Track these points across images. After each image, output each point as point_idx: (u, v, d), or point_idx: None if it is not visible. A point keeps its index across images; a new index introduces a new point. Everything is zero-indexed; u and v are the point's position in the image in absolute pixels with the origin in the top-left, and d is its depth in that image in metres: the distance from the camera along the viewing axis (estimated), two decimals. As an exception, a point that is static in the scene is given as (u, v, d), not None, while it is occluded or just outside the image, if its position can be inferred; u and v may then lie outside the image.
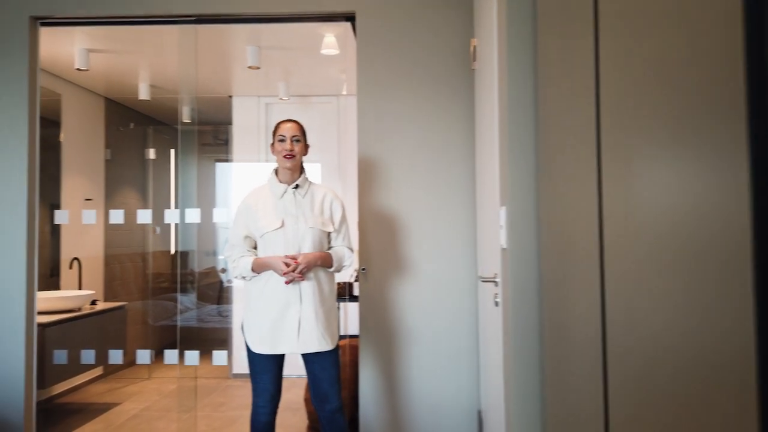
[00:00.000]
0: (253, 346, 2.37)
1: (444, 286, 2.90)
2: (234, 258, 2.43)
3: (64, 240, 4.31)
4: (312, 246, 2.39)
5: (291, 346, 2.33)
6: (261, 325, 2.35)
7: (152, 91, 4.52)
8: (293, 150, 2.41)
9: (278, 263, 2.30)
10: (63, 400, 4.13)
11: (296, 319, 2.33)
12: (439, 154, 2.93)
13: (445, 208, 2.92)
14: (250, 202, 2.44)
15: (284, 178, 2.44)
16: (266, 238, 2.37)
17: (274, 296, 2.35)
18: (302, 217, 2.40)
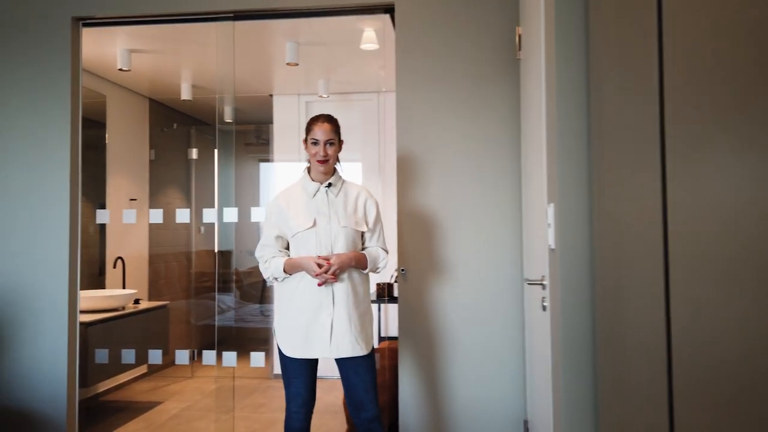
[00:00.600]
0: (286, 350, 2.31)
1: (487, 289, 2.76)
2: (266, 258, 2.37)
3: (109, 239, 4.37)
4: (345, 246, 2.30)
5: (323, 351, 2.25)
6: (293, 329, 2.29)
7: (194, 91, 4.53)
8: (327, 155, 2.32)
9: (310, 264, 2.23)
10: (107, 398, 4.18)
11: (329, 322, 2.25)
12: (482, 148, 2.79)
13: (488, 206, 2.78)
14: (282, 201, 2.37)
15: (317, 177, 2.38)
16: (298, 238, 2.30)
17: (306, 298, 2.28)
18: (335, 216, 2.32)
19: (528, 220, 2.51)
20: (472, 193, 2.79)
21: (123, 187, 4.60)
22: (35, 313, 2.97)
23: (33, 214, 2.99)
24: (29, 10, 3.03)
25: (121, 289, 4.15)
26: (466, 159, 2.80)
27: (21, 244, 2.99)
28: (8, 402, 2.97)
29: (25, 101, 3.02)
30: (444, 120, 2.82)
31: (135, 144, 4.81)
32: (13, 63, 3.02)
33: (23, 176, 3.00)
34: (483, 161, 2.79)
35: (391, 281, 3.96)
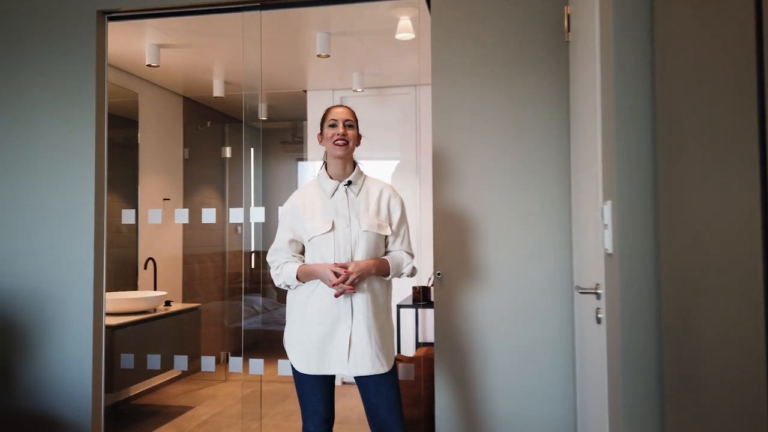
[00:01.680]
0: (298, 366, 2.10)
1: (532, 296, 2.52)
2: (277, 264, 2.16)
3: (141, 240, 4.30)
4: (366, 252, 2.09)
5: (340, 368, 2.05)
6: (306, 343, 2.08)
7: (226, 88, 4.42)
8: (346, 135, 2.11)
9: (326, 273, 2.02)
10: (139, 401, 4.10)
11: (346, 336, 2.04)
12: (527, 141, 2.56)
13: (533, 205, 2.54)
14: (297, 201, 2.16)
15: (335, 173, 2.15)
16: (314, 243, 2.10)
17: (321, 309, 2.07)
18: (356, 218, 2.10)
19: (579, 221, 2.26)
20: (516, 191, 2.56)
21: (156, 186, 4.53)
22: (60, 316, 2.89)
23: (57, 213, 2.91)
24: (54, 3, 2.95)
25: (150, 291, 4.07)
26: (508, 154, 2.57)
27: (46, 245, 2.91)
28: (34, 406, 2.90)
29: (49, 97, 2.94)
30: (484, 112, 2.60)
31: (169, 143, 4.74)
32: (37, 58, 2.95)
33: (48, 175, 2.93)
34: (527, 155, 2.55)
35: (428, 284, 3.75)
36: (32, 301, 2.91)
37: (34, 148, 2.94)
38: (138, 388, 4.11)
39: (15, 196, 2.94)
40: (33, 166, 2.94)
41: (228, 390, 4.42)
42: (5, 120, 2.96)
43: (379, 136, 4.25)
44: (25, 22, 2.97)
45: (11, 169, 2.95)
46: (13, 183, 2.95)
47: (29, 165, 2.94)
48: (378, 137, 4.26)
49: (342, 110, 2.15)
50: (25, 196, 2.94)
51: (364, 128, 3.87)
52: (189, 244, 4.91)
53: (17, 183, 2.94)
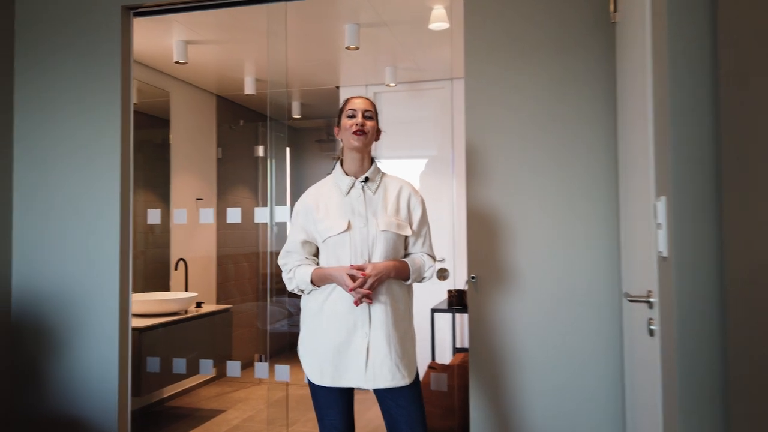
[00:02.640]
0: (312, 377, 1.95)
1: (576, 304, 2.31)
2: (290, 267, 2.02)
3: (173, 240, 4.26)
4: (384, 253, 1.93)
5: (358, 380, 1.89)
6: (321, 352, 1.93)
7: (258, 86, 4.34)
8: (365, 125, 1.97)
9: (342, 276, 1.87)
10: (172, 403, 4.06)
11: (364, 346, 1.89)
12: (569, 134, 2.35)
13: (576, 204, 2.33)
14: (310, 200, 2.02)
15: (352, 169, 2.01)
16: (329, 244, 1.95)
17: (336, 316, 1.92)
18: (373, 217, 1.95)
19: (629, 220, 2.05)
20: (557, 188, 2.36)
21: (189, 186, 4.49)
22: (87, 318, 2.84)
23: (84, 214, 2.86)
24: (77, 0, 2.90)
25: (180, 292, 4.01)
26: (548, 148, 2.37)
27: (72, 246, 2.87)
28: (62, 408, 2.86)
29: (74, 97, 2.89)
30: (521, 105, 2.40)
31: (202, 142, 4.70)
32: (62, 57, 2.91)
33: (74, 175, 2.88)
34: (570, 149, 2.35)
35: (465, 287, 3.57)
36: (60, 302, 2.87)
37: (61, 148, 2.90)
38: (170, 390, 4.06)
39: (42, 197, 2.91)
40: (59, 166, 2.90)
41: (261, 393, 4.34)
42: (33, 120, 2.94)
43: (413, 133, 4.09)
44: (50, 21, 2.93)
45: (38, 169, 2.92)
46: (40, 184, 2.92)
47: (56, 165, 2.91)
48: (412, 134, 4.10)
49: (361, 100, 2.03)
50: (51, 197, 2.90)
51: (399, 125, 3.73)
52: (223, 244, 4.86)
53: (44, 183, 2.91)
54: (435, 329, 3.63)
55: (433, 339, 3.61)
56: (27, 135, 2.94)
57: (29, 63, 2.95)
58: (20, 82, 2.95)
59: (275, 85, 3.52)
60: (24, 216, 2.93)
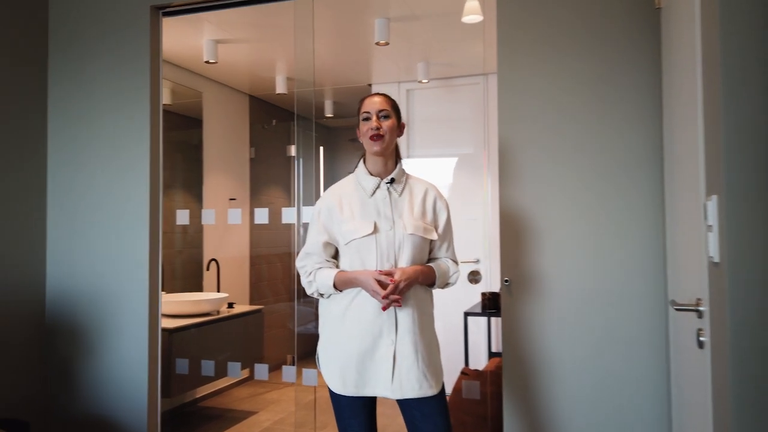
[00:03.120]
0: (334, 386, 1.85)
1: (617, 312, 2.17)
2: (309, 270, 1.91)
3: (206, 240, 4.26)
4: (411, 257, 1.84)
5: (383, 389, 1.80)
6: (344, 360, 1.83)
7: (290, 84, 4.30)
8: (381, 127, 1.86)
9: (369, 281, 1.77)
10: (205, 403, 4.06)
11: (390, 354, 1.80)
12: (609, 130, 2.21)
13: (618, 204, 2.19)
14: (332, 200, 1.91)
15: (375, 170, 1.92)
16: (353, 247, 1.85)
17: (361, 322, 1.83)
18: (399, 220, 1.86)
19: (676, 221, 1.91)
20: (596, 188, 2.22)
21: (222, 186, 4.49)
22: (117, 318, 2.84)
23: (113, 214, 2.86)
24: (107, 1, 2.90)
25: (212, 293, 4.01)
26: (587, 145, 2.24)
27: (103, 246, 2.87)
28: (93, 409, 2.87)
29: (105, 97, 2.89)
30: (557, 99, 2.28)
31: (235, 142, 4.69)
32: (93, 58, 2.92)
33: (104, 175, 2.88)
34: (611, 145, 2.21)
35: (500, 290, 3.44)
36: (92, 303, 2.88)
37: (91, 148, 2.91)
38: (203, 390, 4.06)
39: (75, 196, 2.93)
40: (90, 167, 2.91)
41: (293, 394, 4.30)
42: (66, 122, 2.95)
43: (446, 131, 3.98)
44: (82, 23, 2.94)
45: (71, 170, 2.94)
46: (71, 184, 2.93)
47: (87, 166, 2.92)
48: (445, 132, 3.99)
49: (376, 99, 1.91)
50: (83, 197, 2.91)
51: (432, 123, 3.60)
52: (256, 244, 4.85)
53: (75, 184, 2.93)
54: (468, 333, 3.52)
55: (466, 343, 3.49)
56: (60, 137, 2.96)
57: (62, 65, 2.97)
58: (54, 84, 2.97)
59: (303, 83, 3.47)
60: (57, 216, 2.95)
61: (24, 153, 2.86)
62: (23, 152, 2.85)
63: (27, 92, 2.88)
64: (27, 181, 2.87)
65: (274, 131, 5.02)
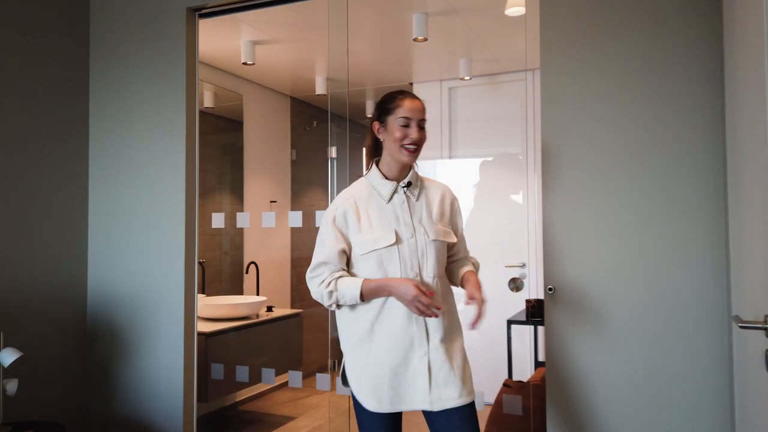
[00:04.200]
0: (370, 405, 1.73)
1: (668, 325, 1.99)
2: (326, 279, 1.76)
3: (246, 244, 4.25)
4: (435, 265, 1.77)
5: (421, 402, 1.71)
6: (377, 376, 1.73)
7: (329, 85, 4.23)
8: (421, 140, 1.76)
9: (410, 290, 1.63)
10: (245, 407, 4.04)
11: (424, 367, 1.71)
12: (665, 127, 2.03)
13: (673, 210, 2.01)
14: (348, 206, 1.79)
15: (392, 174, 1.81)
16: (372, 258, 1.74)
17: (391, 334, 1.72)
18: (420, 226, 1.78)
19: (740, 228, 1.71)
20: (650, 192, 2.04)
21: (262, 189, 4.47)
22: (154, 322, 2.83)
23: (150, 216, 2.85)
24: (142, 3, 2.90)
25: (250, 296, 3.98)
26: (640, 145, 2.07)
27: (139, 249, 2.87)
28: (130, 413, 2.87)
29: (142, 100, 2.89)
30: (607, 95, 2.11)
31: (276, 144, 4.67)
32: (131, 60, 2.92)
33: (141, 178, 2.89)
34: (665, 145, 2.03)
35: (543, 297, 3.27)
36: (130, 306, 2.89)
37: (129, 151, 2.92)
38: (243, 394, 4.04)
39: (113, 202, 2.94)
40: (127, 170, 2.92)
41: (333, 400, 4.23)
42: (107, 125, 2.97)
43: (490, 130, 3.82)
44: (122, 27, 2.95)
45: (106, 173, 2.95)
46: (108, 187, 2.95)
47: (124, 169, 2.92)
48: (488, 131, 3.83)
49: (419, 106, 1.78)
50: (119, 200, 2.92)
51: (474, 122, 3.50)
52: (298, 247, 4.81)
53: (113, 187, 2.94)
54: (511, 343, 3.35)
55: (509, 353, 3.33)
56: (101, 144, 2.98)
57: (102, 68, 2.99)
58: (95, 89, 2.99)
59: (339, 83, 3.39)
60: (98, 219, 2.97)
61: (67, 162, 2.89)
62: (67, 162, 2.88)
63: (69, 104, 2.90)
64: (70, 189, 2.91)
65: (315, 133, 4.97)
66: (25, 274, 2.67)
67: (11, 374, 2.45)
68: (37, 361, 2.70)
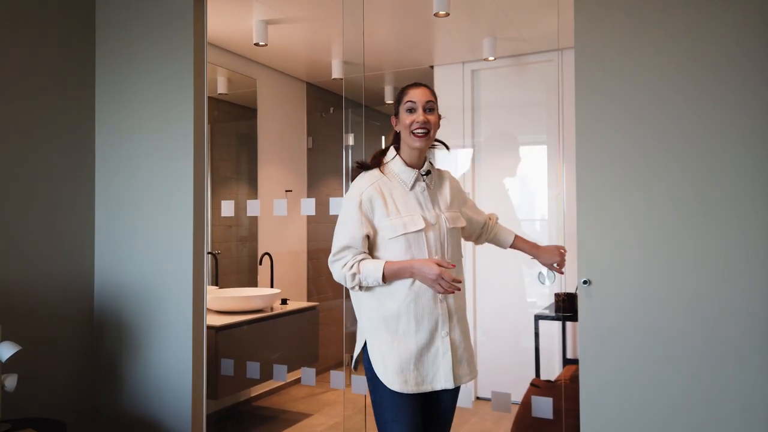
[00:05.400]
0: (393, 384, 1.74)
1: (719, 327, 1.79)
2: (349, 262, 1.78)
3: (261, 234, 4.11)
4: (454, 249, 1.86)
5: (445, 381, 1.77)
6: (404, 358, 1.75)
7: (346, 69, 4.06)
8: (428, 122, 1.79)
9: (431, 267, 1.67)
10: (260, 402, 3.91)
11: (447, 346, 1.78)
12: (715, 108, 1.82)
13: (727, 198, 1.81)
14: (374, 191, 1.81)
15: (413, 161, 1.86)
16: (401, 242, 1.76)
17: (419, 315, 1.76)
18: (440, 213, 1.86)
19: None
20: (699, 178, 1.84)
21: (277, 177, 4.32)
22: (162, 316, 2.71)
23: (157, 205, 2.72)
24: (148, -20, 2.76)
25: (264, 288, 3.84)
26: (686, 131, 1.86)
27: (147, 240, 2.74)
28: (138, 409, 2.75)
29: (147, 86, 2.76)
30: (650, 75, 1.91)
31: (291, 131, 4.51)
32: (138, 43, 2.79)
33: (148, 164, 2.76)
34: (714, 134, 1.82)
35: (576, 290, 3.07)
36: (137, 299, 2.76)
37: (136, 139, 2.79)
38: (258, 389, 3.91)
39: (118, 189, 2.82)
40: (134, 158, 2.79)
41: (351, 396, 4.08)
42: (112, 114, 2.84)
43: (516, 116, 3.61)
44: (128, 8, 2.81)
45: (113, 161, 2.83)
46: (115, 175, 2.83)
47: (131, 157, 2.80)
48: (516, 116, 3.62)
49: (422, 90, 1.84)
50: (126, 189, 2.80)
51: (500, 107, 3.35)
52: (314, 237, 4.66)
53: (119, 175, 2.82)
54: (539, 339, 3.16)
55: (537, 350, 3.14)
56: (107, 132, 2.86)
57: (109, 53, 2.86)
58: (101, 77, 2.87)
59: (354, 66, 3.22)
60: (105, 208, 2.85)
61: (73, 151, 2.77)
62: (73, 151, 2.77)
63: (76, 92, 2.78)
64: (76, 178, 2.79)
65: (333, 119, 4.80)
66: (29, 267, 2.55)
67: (11, 369, 2.34)
68: (41, 355, 2.59)
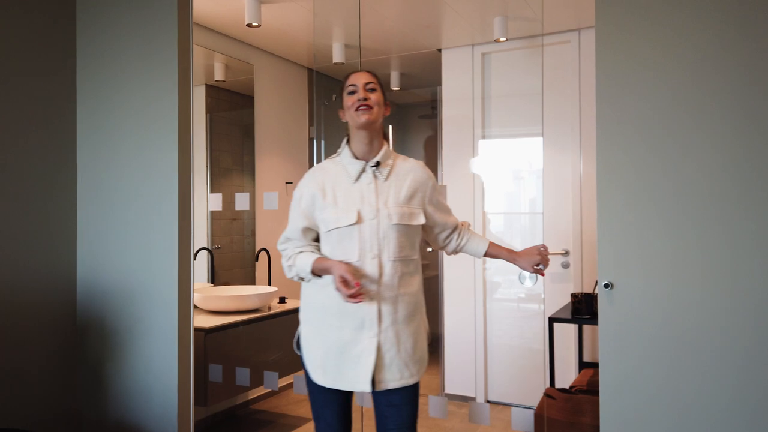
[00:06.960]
0: (314, 375, 1.81)
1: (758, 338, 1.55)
2: (289, 254, 1.85)
3: (259, 229, 3.91)
4: (397, 248, 1.75)
5: (364, 384, 1.73)
6: (325, 350, 1.79)
7: (348, 53, 3.83)
8: (369, 99, 1.76)
9: (336, 275, 1.66)
10: (258, 406, 3.73)
11: (372, 348, 1.73)
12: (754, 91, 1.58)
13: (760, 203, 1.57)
14: (313, 185, 1.82)
15: (361, 151, 1.82)
16: (334, 235, 1.77)
17: (342, 311, 1.76)
18: (384, 207, 1.77)
19: None
20: (736, 170, 1.60)
21: (276, 168, 4.12)
22: (146, 318, 2.52)
23: (141, 198, 2.53)
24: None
25: (260, 286, 3.63)
26: (722, 122, 1.62)
27: (132, 236, 2.55)
28: (122, 416, 2.57)
29: (130, 73, 2.55)
30: (680, 56, 1.66)
31: (291, 120, 4.30)
32: (116, 29, 2.58)
33: (131, 155, 2.56)
34: (751, 123, 1.58)
35: (594, 292, 2.83)
36: (120, 299, 2.58)
37: (119, 132, 2.59)
38: (256, 392, 3.73)
39: (100, 182, 2.62)
40: (117, 151, 2.59)
41: (353, 400, 3.89)
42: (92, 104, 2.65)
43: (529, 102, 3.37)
44: (107, -20, 2.61)
45: (95, 154, 2.64)
46: (97, 168, 2.63)
47: (113, 149, 2.60)
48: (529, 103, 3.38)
49: (361, 73, 1.85)
50: (109, 183, 2.60)
51: (511, 93, 3.17)
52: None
53: (102, 168, 2.62)
54: (554, 343, 2.93)
55: (551, 356, 2.91)
56: (88, 123, 2.66)
57: (90, 40, 2.65)
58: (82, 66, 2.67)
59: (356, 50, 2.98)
60: (87, 206, 2.66)
61: (53, 145, 2.58)
62: (53, 144, 2.57)
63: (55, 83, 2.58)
64: (57, 172, 2.60)
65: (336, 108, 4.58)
66: (5, 266, 2.37)
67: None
68: (18, 360, 2.41)
